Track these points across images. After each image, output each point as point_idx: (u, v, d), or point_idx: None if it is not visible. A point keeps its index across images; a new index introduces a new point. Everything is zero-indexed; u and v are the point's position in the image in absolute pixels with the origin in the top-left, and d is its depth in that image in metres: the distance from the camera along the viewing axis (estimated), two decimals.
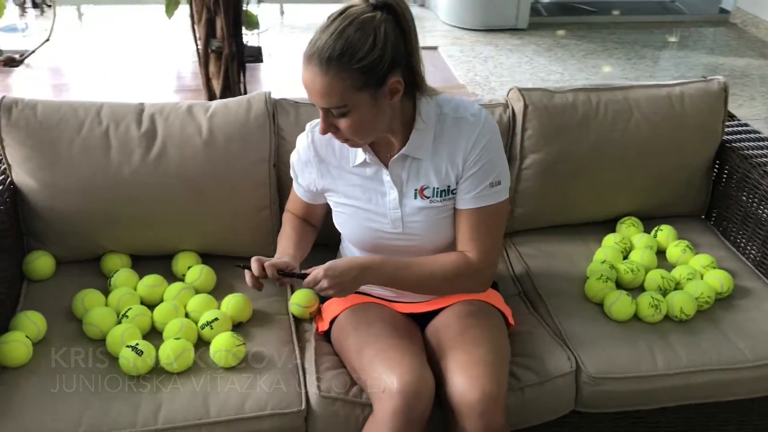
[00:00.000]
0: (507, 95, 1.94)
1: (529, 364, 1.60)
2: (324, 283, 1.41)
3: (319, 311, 1.67)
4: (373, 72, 1.30)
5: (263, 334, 1.64)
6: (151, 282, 1.71)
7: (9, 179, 1.72)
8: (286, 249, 1.57)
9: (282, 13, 5.22)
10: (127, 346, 1.50)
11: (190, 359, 1.53)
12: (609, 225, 2.03)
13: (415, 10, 5.20)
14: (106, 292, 1.70)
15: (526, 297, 1.82)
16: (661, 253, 1.96)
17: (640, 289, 1.82)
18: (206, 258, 1.83)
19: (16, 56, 4.19)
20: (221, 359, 1.52)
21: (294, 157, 1.58)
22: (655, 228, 1.99)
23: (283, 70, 4.30)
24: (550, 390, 1.58)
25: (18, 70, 4.13)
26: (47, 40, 4.23)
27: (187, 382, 1.50)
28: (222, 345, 1.53)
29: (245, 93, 3.07)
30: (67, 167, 1.69)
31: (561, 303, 1.77)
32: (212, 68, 2.94)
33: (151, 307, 1.66)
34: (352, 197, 1.53)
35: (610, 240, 1.95)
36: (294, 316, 1.68)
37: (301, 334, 1.67)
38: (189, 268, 1.77)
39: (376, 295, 1.63)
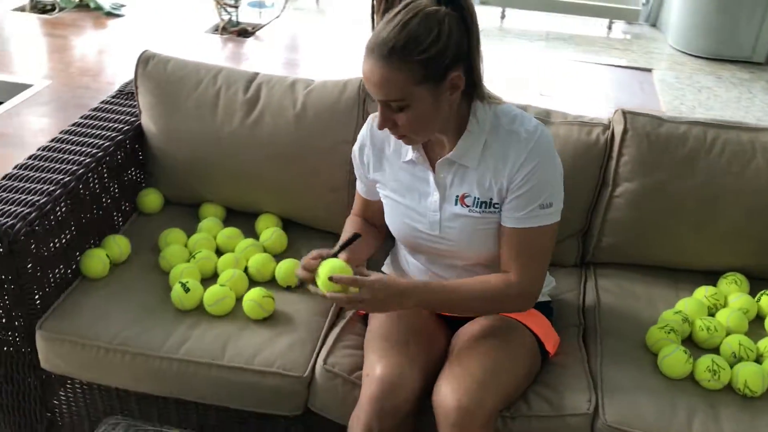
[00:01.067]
0: (612, 116, 1.83)
1: (548, 395, 1.52)
2: (364, 293, 1.37)
3: None
4: (435, 65, 1.28)
5: (305, 301, 1.72)
6: (229, 233, 1.88)
7: (138, 122, 1.98)
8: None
9: (503, 17, 5.23)
10: (180, 282, 1.68)
11: (228, 307, 1.67)
12: (712, 277, 1.83)
13: (644, 30, 4.95)
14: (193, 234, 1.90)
15: (583, 331, 1.72)
16: (761, 320, 1.73)
17: (715, 352, 1.63)
18: (288, 224, 1.96)
19: (249, 28, 4.67)
20: (249, 309, 1.65)
21: (354, 148, 1.61)
22: (762, 292, 1.76)
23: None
24: (559, 426, 1.49)
25: (249, 41, 4.61)
26: (277, 17, 4.67)
27: (218, 326, 1.64)
28: (252, 295, 1.65)
29: None
30: (181, 118, 1.91)
31: (615, 344, 1.65)
32: None
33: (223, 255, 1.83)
34: (397, 192, 1.54)
35: (701, 292, 1.77)
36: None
37: (343, 311, 1.73)
38: (267, 228, 1.91)
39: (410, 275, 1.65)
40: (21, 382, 1.72)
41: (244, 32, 4.64)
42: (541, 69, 4.40)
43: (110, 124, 1.95)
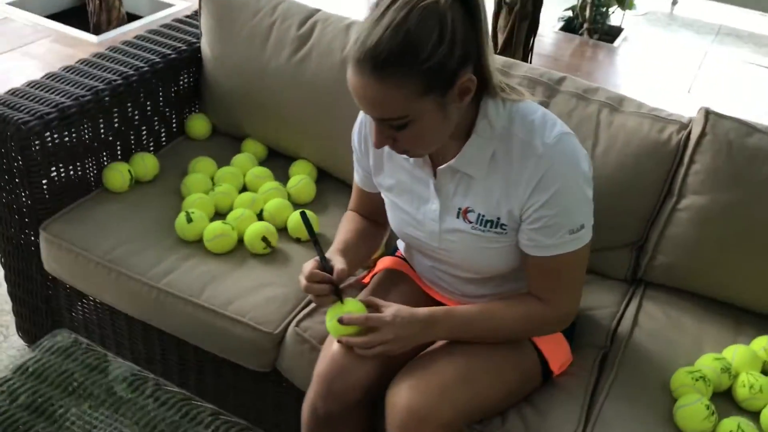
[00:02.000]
0: (695, 115, 1.54)
1: (529, 416, 1.32)
2: (385, 334, 1.19)
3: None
4: (441, 72, 1.02)
5: (309, 258, 1.61)
6: (258, 172, 1.80)
7: (197, 44, 1.93)
8: (333, 253, 1.32)
9: (674, 3, 4.73)
10: (186, 211, 1.62)
11: (226, 245, 1.60)
12: None
13: None
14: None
15: (604, 356, 1.48)
16: None
17: (754, 417, 1.35)
18: (323, 176, 1.85)
19: None
20: (249, 239, 1.60)
21: (354, 126, 1.37)
22: None
23: (626, 59, 3.95)
24: None
25: None
26: None
27: (209, 264, 1.57)
28: (257, 227, 1.60)
29: (529, 56, 2.92)
30: (234, 46, 1.84)
31: (632, 379, 1.41)
32: (501, 21, 2.84)
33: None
34: (394, 192, 1.33)
35: (760, 342, 1.47)
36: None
37: None
38: (297, 175, 1.81)
39: (418, 272, 1.48)
40: (30, 280, 1.75)
41: None
42: (703, 65, 3.94)
43: (170, 42, 1.91)
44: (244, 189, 1.79)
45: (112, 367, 1.29)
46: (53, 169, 1.63)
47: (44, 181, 1.61)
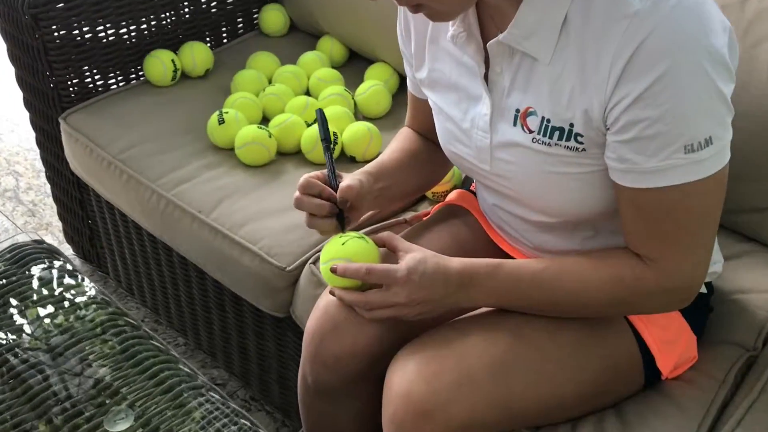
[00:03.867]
0: None
1: (605, 423, 0.89)
2: (398, 295, 0.81)
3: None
4: None
5: None
6: (323, 74, 1.46)
7: None
8: (359, 172, 0.96)
9: None
10: (219, 111, 1.32)
11: (259, 156, 1.29)
12: None
13: None
14: None
15: (749, 362, 1.00)
16: None
17: None
18: (403, 81, 1.47)
19: None
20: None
21: (399, 9, 0.96)
22: None
23: None
24: None
25: None
26: None
27: (233, 176, 1.28)
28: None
29: None
30: None
31: None
32: None
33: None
34: (438, 90, 0.93)
35: None
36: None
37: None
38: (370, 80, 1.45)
39: (484, 212, 1.06)
40: (63, 178, 1.54)
41: None
42: None
43: None
44: (307, 94, 1.46)
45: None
46: (82, 55, 1.38)
47: (68, 67, 1.37)
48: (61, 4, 1.33)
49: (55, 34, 1.34)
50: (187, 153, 1.31)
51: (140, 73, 1.50)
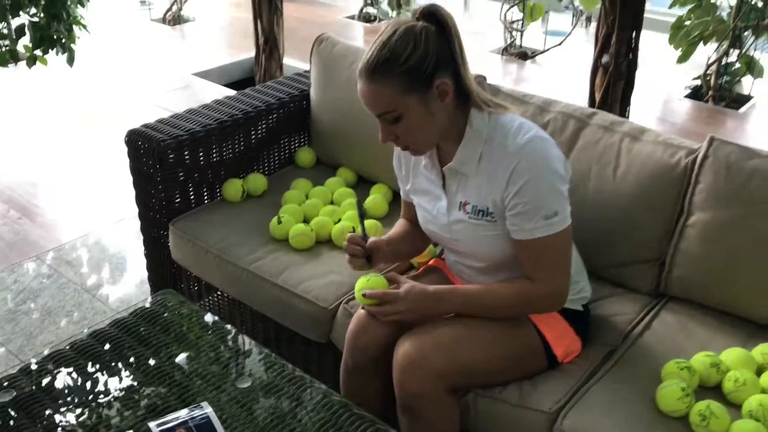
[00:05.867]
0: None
1: (525, 387, 1.55)
2: (399, 306, 1.49)
3: None
4: (417, 73, 1.36)
5: None
6: (343, 191, 2.19)
7: (307, 91, 2.38)
8: (378, 242, 1.65)
9: None
10: (278, 216, 2.03)
11: (305, 242, 1.98)
12: None
13: None
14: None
15: (611, 352, 1.66)
16: None
17: (739, 407, 1.48)
18: (397, 197, 2.19)
19: (529, 52, 4.89)
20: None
21: (394, 156, 1.70)
22: None
23: (750, 125, 3.98)
24: (519, 417, 1.51)
25: (527, 64, 4.83)
26: (559, 44, 4.81)
27: (290, 256, 1.96)
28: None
29: (627, 113, 3.12)
30: (333, 90, 2.27)
31: (628, 370, 1.58)
32: (598, 81, 3.08)
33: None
34: (419, 195, 1.63)
35: (762, 348, 1.59)
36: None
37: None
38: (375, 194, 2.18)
39: (449, 267, 1.76)
40: (162, 266, 2.23)
41: (524, 55, 4.87)
42: None
43: (286, 89, 2.38)
44: (331, 204, 2.18)
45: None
46: (183, 179, 2.10)
47: (177, 190, 2.10)
48: (185, 137, 2.05)
49: (171, 174, 2.07)
50: (257, 243, 2.01)
51: (218, 193, 2.22)
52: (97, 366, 1.51)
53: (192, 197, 2.16)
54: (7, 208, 3.06)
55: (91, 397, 1.44)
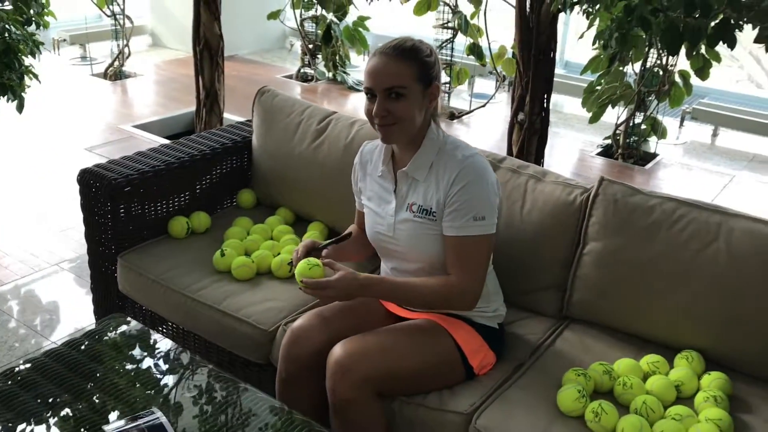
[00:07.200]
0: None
1: (445, 394, 1.75)
2: (330, 292, 1.69)
3: None
4: (428, 71, 1.69)
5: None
6: (282, 228, 2.39)
7: (249, 138, 2.59)
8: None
9: (715, 134, 5.14)
10: (221, 249, 2.21)
11: (247, 274, 2.15)
12: (676, 352, 1.88)
13: None
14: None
15: (520, 365, 1.88)
16: None
17: (627, 408, 1.71)
18: (331, 231, 2.40)
19: (456, 112, 5.24)
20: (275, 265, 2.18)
21: (352, 171, 1.99)
22: (708, 374, 1.78)
23: (653, 180, 4.36)
24: (440, 420, 1.70)
25: (455, 124, 5.17)
26: (483, 106, 5.18)
27: (232, 285, 2.13)
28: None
29: (540, 164, 3.43)
30: (272, 138, 2.48)
31: (535, 377, 1.80)
32: (515, 136, 3.39)
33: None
34: (371, 200, 1.90)
35: (648, 358, 1.84)
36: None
37: None
38: (311, 231, 2.38)
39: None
40: (109, 300, 2.36)
41: (451, 115, 5.21)
42: (727, 187, 4.30)
43: (229, 136, 2.58)
44: (271, 240, 2.36)
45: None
46: (132, 215, 2.26)
47: (126, 226, 2.25)
48: (136, 176, 2.23)
49: (122, 211, 2.23)
50: (202, 273, 2.17)
51: (164, 230, 2.38)
52: (54, 382, 1.64)
53: (139, 233, 2.31)
54: None
55: (46, 412, 1.56)
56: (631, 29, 2.44)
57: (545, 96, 3.30)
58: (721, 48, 2.31)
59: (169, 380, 1.66)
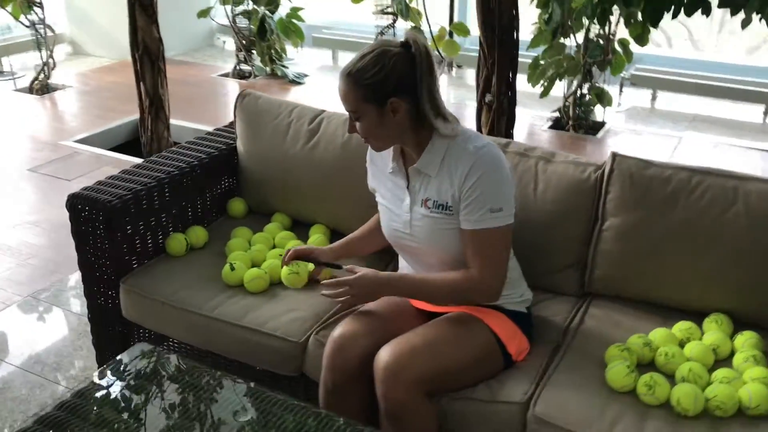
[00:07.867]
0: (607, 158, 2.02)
1: (493, 385, 1.74)
2: (350, 291, 1.74)
3: None
4: (376, 90, 1.64)
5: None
6: (284, 235, 2.31)
7: (234, 145, 2.50)
8: (336, 243, 2.04)
9: (654, 98, 5.31)
10: (229, 263, 2.12)
11: (261, 286, 2.08)
12: (702, 317, 1.92)
13: None
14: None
15: (556, 347, 1.89)
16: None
17: (672, 377, 1.74)
18: (334, 233, 2.35)
19: None
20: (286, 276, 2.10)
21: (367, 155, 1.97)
22: (741, 334, 1.83)
23: (608, 148, 4.47)
24: (494, 412, 1.69)
25: None
26: None
27: (248, 299, 2.05)
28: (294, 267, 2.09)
29: None
30: (261, 142, 2.40)
31: (576, 358, 1.82)
32: (484, 118, 3.40)
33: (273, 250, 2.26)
34: (385, 197, 1.87)
35: (678, 326, 1.88)
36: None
37: None
38: (314, 234, 2.32)
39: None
40: (109, 328, 2.24)
41: None
42: (677, 149, 4.44)
43: (213, 144, 2.48)
44: (274, 248, 2.29)
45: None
46: (129, 237, 2.15)
47: (124, 248, 2.14)
48: (129, 196, 2.11)
49: (117, 220, 2.11)
50: (213, 290, 2.08)
51: (161, 249, 2.27)
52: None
53: (137, 255, 2.20)
54: None
55: None
56: (612, 4, 2.46)
57: (510, 75, 3.32)
58: None
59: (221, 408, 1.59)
